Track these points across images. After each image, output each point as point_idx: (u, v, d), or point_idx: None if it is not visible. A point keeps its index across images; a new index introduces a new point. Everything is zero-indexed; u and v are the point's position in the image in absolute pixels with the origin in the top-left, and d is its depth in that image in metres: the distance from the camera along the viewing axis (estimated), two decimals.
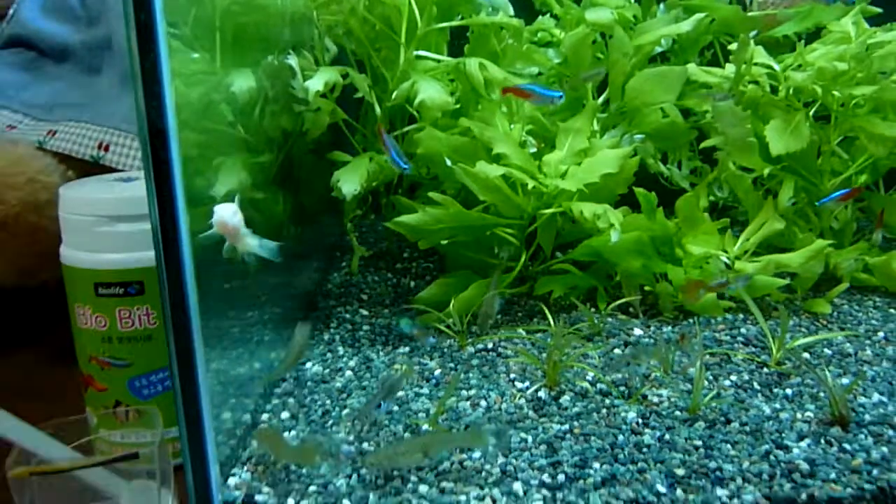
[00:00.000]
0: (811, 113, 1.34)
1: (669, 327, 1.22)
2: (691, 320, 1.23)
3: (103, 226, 0.99)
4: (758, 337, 1.15)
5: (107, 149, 1.28)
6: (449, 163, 1.21)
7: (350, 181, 1.21)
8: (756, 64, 1.37)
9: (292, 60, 1.18)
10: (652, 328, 1.22)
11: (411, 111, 1.39)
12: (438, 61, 1.35)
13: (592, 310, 1.28)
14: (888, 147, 1.26)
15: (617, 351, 1.15)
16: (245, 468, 0.91)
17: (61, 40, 1.40)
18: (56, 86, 1.36)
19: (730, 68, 1.36)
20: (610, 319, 1.26)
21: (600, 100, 1.44)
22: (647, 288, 1.29)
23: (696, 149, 1.58)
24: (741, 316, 1.23)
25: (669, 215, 1.34)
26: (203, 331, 0.86)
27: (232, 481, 0.88)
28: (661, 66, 1.38)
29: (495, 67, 1.29)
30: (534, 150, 1.35)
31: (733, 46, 1.36)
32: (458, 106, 1.31)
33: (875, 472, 0.86)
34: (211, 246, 1.03)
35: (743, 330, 1.19)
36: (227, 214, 0.89)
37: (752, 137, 1.28)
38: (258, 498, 0.85)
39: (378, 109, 1.40)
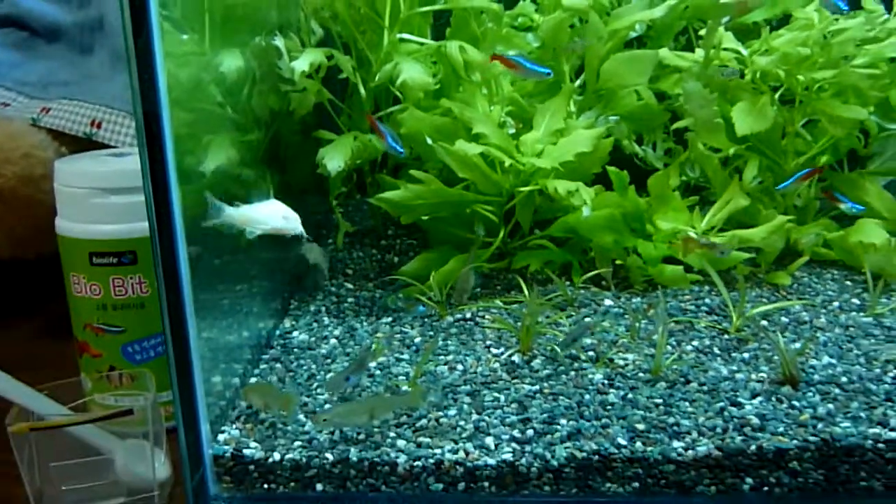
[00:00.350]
0: (777, 96, 1.40)
1: (638, 298, 1.29)
2: (659, 292, 1.29)
3: (97, 198, 1.04)
4: (720, 306, 1.22)
5: (99, 126, 1.32)
6: (430, 142, 1.26)
7: (334, 158, 1.26)
8: (725, 49, 1.43)
9: (279, 42, 1.23)
10: (622, 299, 1.28)
11: (395, 93, 1.44)
12: (421, 44, 1.40)
13: (567, 283, 1.34)
14: (847, 128, 1.33)
15: (587, 320, 1.21)
16: (234, 426, 0.97)
17: (53, 20, 1.43)
18: (49, 65, 1.40)
19: (700, 53, 1.42)
20: (583, 291, 1.32)
21: (577, 83, 1.49)
22: (618, 262, 1.35)
23: (670, 130, 1.64)
24: (706, 288, 1.29)
25: (644, 194, 1.40)
26: (195, 300, 0.92)
27: (222, 437, 0.94)
28: (634, 50, 1.43)
29: (475, 50, 1.34)
30: (513, 130, 1.41)
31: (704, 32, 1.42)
32: (438, 87, 1.36)
33: (820, 426, 0.93)
34: (199, 220, 1.08)
35: (707, 300, 1.25)
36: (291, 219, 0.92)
37: (720, 119, 1.34)
38: (246, 452, 0.91)
39: (363, 90, 1.45)
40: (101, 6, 1.41)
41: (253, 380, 1.08)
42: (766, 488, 0.90)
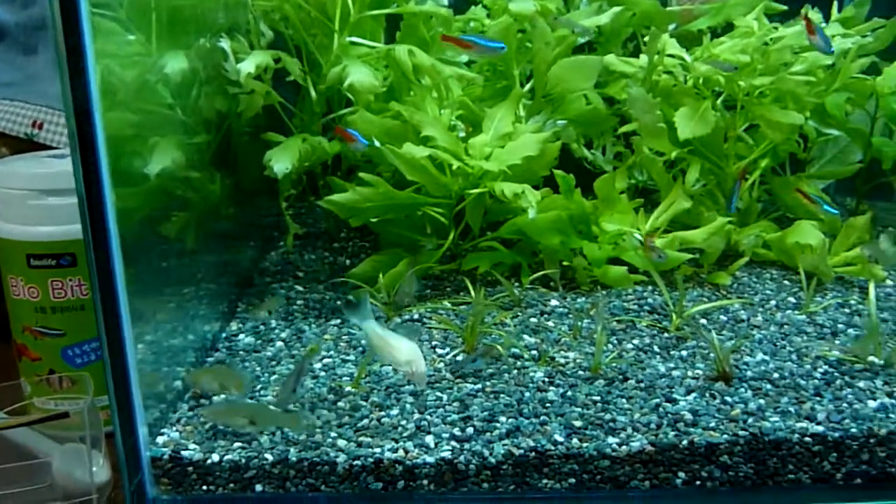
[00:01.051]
0: (721, 102, 1.44)
1: (583, 298, 1.31)
2: (604, 292, 1.32)
3: (35, 199, 1.03)
4: (662, 306, 1.25)
5: (41, 126, 1.30)
6: (378, 144, 1.27)
7: (282, 160, 1.26)
8: (670, 55, 1.47)
9: (224, 43, 1.22)
10: (568, 299, 1.30)
11: (349, 96, 1.44)
12: (372, 47, 1.41)
13: (516, 284, 1.36)
14: (785, 133, 1.37)
15: (533, 320, 1.23)
16: (174, 428, 0.96)
17: None
18: None
19: (645, 58, 1.45)
20: (530, 292, 1.34)
21: (527, 88, 1.52)
22: (565, 263, 1.38)
23: (620, 135, 1.67)
24: (650, 288, 1.32)
25: (594, 197, 1.43)
26: (133, 303, 0.91)
27: (160, 440, 0.94)
28: (580, 56, 1.46)
29: (424, 54, 1.35)
30: (463, 134, 1.43)
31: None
32: (384, 89, 1.37)
33: (750, 420, 0.96)
34: (142, 222, 1.08)
35: (650, 300, 1.28)
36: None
37: (663, 123, 1.38)
38: (184, 453, 0.91)
39: (313, 93, 1.45)
40: (46, 6, 1.39)
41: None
42: (698, 482, 0.93)
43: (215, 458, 0.91)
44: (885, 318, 1.21)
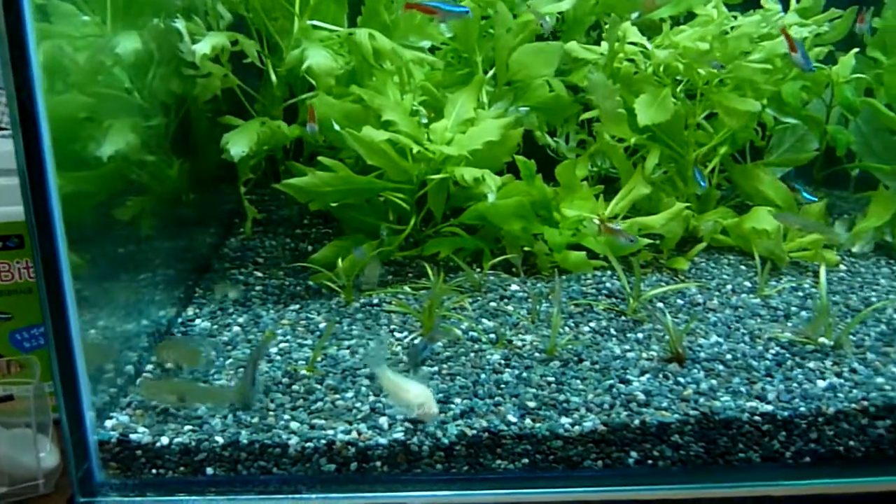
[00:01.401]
0: (682, 90, 1.45)
1: (543, 283, 1.31)
2: (564, 276, 1.33)
3: None
4: (620, 290, 1.26)
5: None
6: (337, 127, 1.26)
7: (238, 143, 1.25)
8: (632, 43, 1.48)
9: (179, 24, 1.20)
10: (528, 284, 1.31)
11: (311, 81, 1.43)
12: (333, 31, 1.40)
13: (478, 269, 1.36)
14: (742, 120, 1.39)
15: (493, 304, 1.23)
16: (124, 412, 0.95)
17: None
18: None
19: (606, 46, 1.46)
20: (492, 277, 1.34)
21: (489, 74, 1.51)
22: (526, 248, 1.38)
23: (584, 123, 1.68)
24: (609, 273, 1.33)
25: (557, 184, 1.43)
26: (82, 287, 0.89)
27: (109, 423, 0.92)
28: (541, 42, 1.46)
29: (385, 38, 1.34)
30: (426, 120, 1.42)
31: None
32: (349, 74, 1.36)
33: (701, 400, 0.97)
34: (93, 206, 1.06)
35: (608, 284, 1.29)
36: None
37: (623, 109, 1.38)
38: (133, 437, 0.90)
39: (274, 77, 1.44)
40: None
41: (149, 366, 1.06)
42: (650, 461, 0.94)
43: (165, 441, 0.89)
44: (836, 301, 1.23)
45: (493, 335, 1.13)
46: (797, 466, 0.96)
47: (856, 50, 1.48)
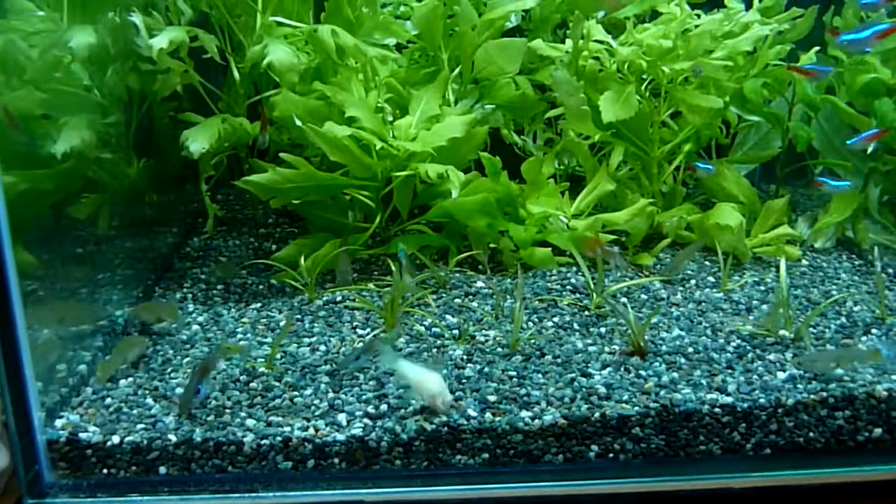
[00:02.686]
0: (649, 88, 1.45)
1: (509, 280, 1.31)
2: (530, 273, 1.32)
3: None
4: (584, 286, 1.25)
5: None
6: (299, 123, 1.25)
7: (198, 140, 1.23)
8: (597, 41, 1.48)
9: (136, 18, 1.18)
10: (494, 280, 1.30)
11: (275, 77, 1.41)
12: (296, 27, 1.39)
13: (445, 267, 1.35)
14: (704, 117, 1.39)
15: (457, 301, 1.22)
16: (75, 411, 0.93)
17: None
18: None
19: (570, 44, 1.46)
20: (457, 274, 1.33)
21: (455, 72, 1.51)
22: (492, 245, 1.37)
23: (552, 122, 1.68)
24: (574, 269, 1.33)
25: (524, 181, 1.43)
26: (31, 286, 0.87)
27: (59, 423, 0.90)
28: (504, 39, 1.46)
29: (348, 35, 1.33)
30: (391, 117, 1.41)
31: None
32: (303, 68, 1.34)
33: (662, 392, 0.97)
34: (44, 203, 1.03)
35: (573, 280, 1.29)
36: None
37: (587, 106, 1.39)
38: (83, 436, 0.88)
39: (237, 74, 1.42)
40: None
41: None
42: (611, 455, 0.93)
43: (116, 439, 0.87)
44: (797, 295, 1.24)
45: (456, 331, 1.12)
46: (758, 458, 0.96)
47: (816, 48, 1.49)
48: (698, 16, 1.44)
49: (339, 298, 1.24)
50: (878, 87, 1.44)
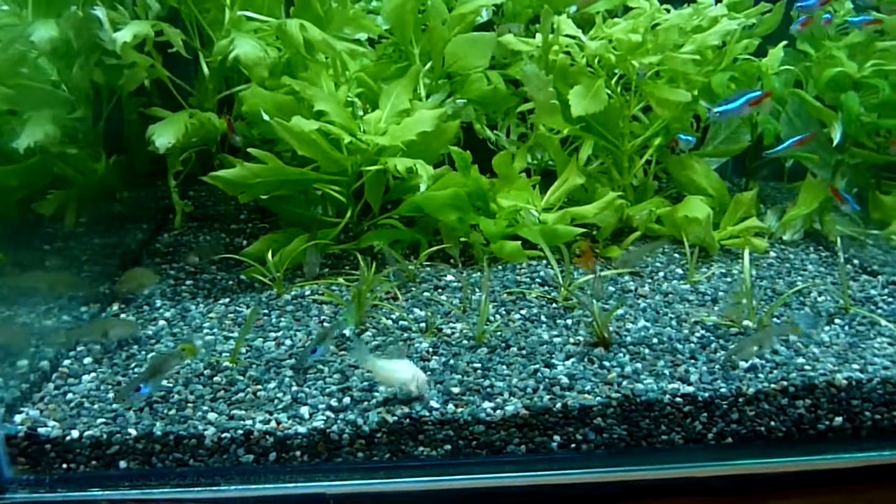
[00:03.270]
0: (618, 82, 1.46)
1: (479, 273, 1.31)
2: (500, 266, 1.33)
3: None
4: (554, 279, 1.26)
5: None
6: (266, 117, 1.24)
7: (165, 134, 1.22)
8: (568, 36, 1.48)
9: (99, 11, 1.17)
10: (464, 274, 1.30)
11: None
12: (264, 22, 1.38)
13: (416, 261, 1.36)
14: (672, 110, 1.40)
15: (426, 294, 1.23)
16: (35, 407, 0.92)
17: None
18: None
19: (540, 38, 1.46)
20: (428, 268, 1.33)
21: (427, 66, 1.51)
22: (462, 239, 1.38)
23: (525, 116, 1.68)
24: (544, 262, 1.33)
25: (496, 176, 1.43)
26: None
27: (18, 417, 0.89)
28: (474, 33, 1.46)
29: (316, 29, 1.33)
30: (362, 112, 1.41)
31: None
32: (274, 63, 1.34)
33: (625, 383, 0.97)
34: (4, 199, 1.03)
35: (542, 273, 1.29)
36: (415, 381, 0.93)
37: (557, 101, 1.39)
38: (42, 430, 0.87)
39: (206, 69, 1.41)
40: None
41: (66, 361, 1.03)
42: (573, 445, 0.94)
43: (75, 434, 0.87)
44: (763, 286, 1.25)
45: (423, 324, 1.12)
46: (719, 447, 0.97)
47: (784, 43, 1.51)
48: (668, 10, 1.45)
49: (307, 293, 1.23)
50: (844, 81, 1.46)
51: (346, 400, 0.94)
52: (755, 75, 1.50)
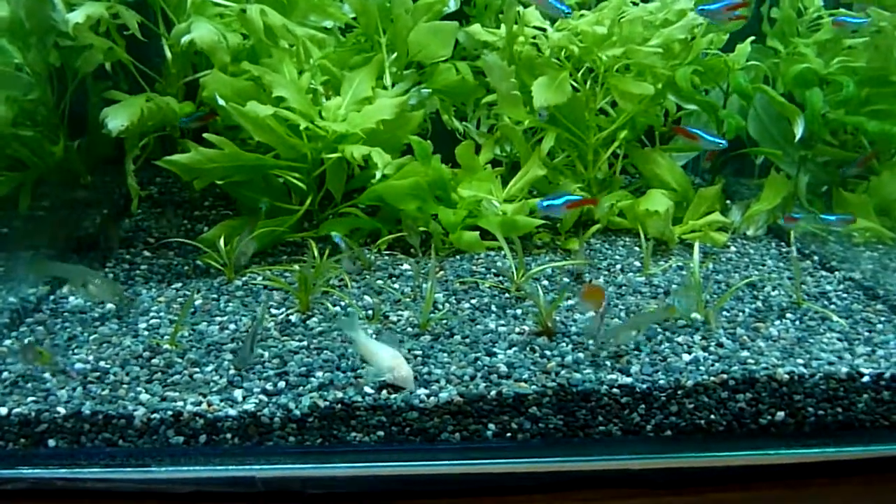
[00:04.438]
0: (587, 75, 1.45)
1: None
2: (458, 256, 1.32)
3: None
4: (509, 269, 1.25)
5: None
6: (221, 102, 1.24)
7: (118, 117, 1.21)
8: (536, 28, 1.48)
9: None
10: (421, 263, 1.30)
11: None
12: (226, 7, 1.37)
13: (376, 251, 1.35)
14: (635, 103, 1.40)
15: (379, 282, 1.22)
16: None
17: None
18: None
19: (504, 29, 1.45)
20: (386, 257, 1.33)
21: (394, 56, 1.50)
22: (422, 228, 1.37)
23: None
24: (502, 253, 1.32)
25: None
26: None
27: None
28: (436, 22, 1.46)
29: (277, 15, 1.32)
30: (326, 99, 1.40)
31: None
32: (238, 49, 1.33)
33: (563, 372, 0.96)
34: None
35: (499, 263, 1.29)
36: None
37: (518, 92, 1.38)
38: None
39: (168, 54, 1.41)
40: None
41: (7, 342, 1.03)
42: (508, 434, 0.93)
43: (3, 411, 0.86)
44: (718, 280, 1.24)
45: (370, 311, 1.11)
46: (659, 440, 0.96)
47: (752, 38, 1.50)
48: (636, 3, 1.44)
49: (258, 279, 1.23)
50: (810, 78, 1.45)
51: (282, 384, 0.93)
52: (721, 70, 1.49)
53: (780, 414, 0.98)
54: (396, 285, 1.21)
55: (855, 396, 0.98)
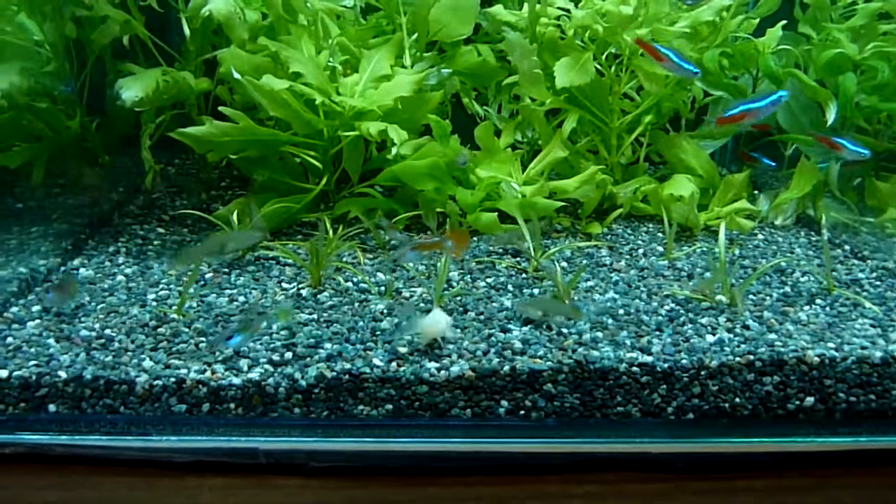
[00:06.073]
0: (609, 57, 1.41)
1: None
2: (477, 238, 1.29)
3: None
4: (527, 251, 1.22)
5: None
6: (237, 75, 1.22)
7: (133, 88, 1.20)
8: (560, 8, 1.44)
9: None
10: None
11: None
12: None
13: (388, 227, 1.32)
14: (661, 85, 1.35)
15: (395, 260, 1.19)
16: None
17: None
18: None
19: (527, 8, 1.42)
20: (399, 236, 1.30)
21: (415, 36, 1.48)
22: (439, 209, 1.34)
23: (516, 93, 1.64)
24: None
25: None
26: None
27: None
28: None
29: None
30: (345, 77, 1.38)
31: None
32: (257, 25, 1.32)
33: (580, 350, 0.92)
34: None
35: (517, 244, 1.25)
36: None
37: (541, 71, 1.35)
38: None
39: (187, 31, 1.40)
40: None
41: (14, 309, 1.01)
42: (522, 412, 0.89)
43: (3, 374, 0.85)
44: (745, 266, 1.19)
45: (383, 287, 1.09)
46: (680, 423, 0.92)
47: (783, 22, 1.45)
48: None
49: (271, 255, 1.21)
50: (844, 63, 1.40)
51: (289, 355, 0.91)
52: (751, 54, 1.44)
53: (810, 399, 0.93)
54: (411, 263, 1.18)
55: (889, 383, 0.93)
